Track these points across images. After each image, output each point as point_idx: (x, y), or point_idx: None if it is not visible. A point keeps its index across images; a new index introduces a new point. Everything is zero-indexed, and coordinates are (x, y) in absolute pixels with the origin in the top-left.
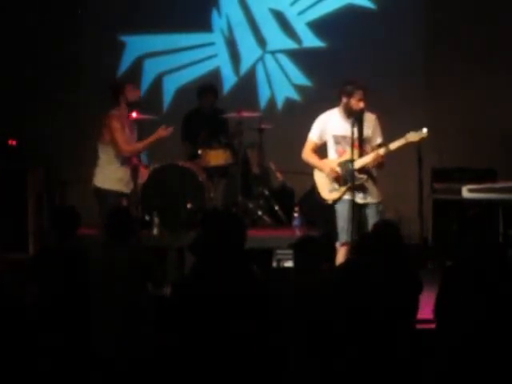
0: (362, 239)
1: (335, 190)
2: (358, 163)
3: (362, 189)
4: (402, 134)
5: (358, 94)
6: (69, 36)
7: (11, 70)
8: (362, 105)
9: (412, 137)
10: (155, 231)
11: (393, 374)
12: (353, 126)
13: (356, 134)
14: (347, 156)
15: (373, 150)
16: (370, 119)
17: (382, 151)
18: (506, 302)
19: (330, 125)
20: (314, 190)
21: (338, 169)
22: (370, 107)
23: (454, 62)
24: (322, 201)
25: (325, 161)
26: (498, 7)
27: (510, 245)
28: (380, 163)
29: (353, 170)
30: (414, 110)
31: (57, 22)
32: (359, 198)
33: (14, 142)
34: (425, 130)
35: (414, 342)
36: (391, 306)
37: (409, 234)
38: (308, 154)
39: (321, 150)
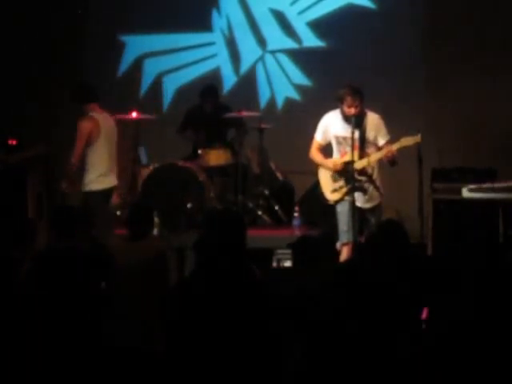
0: (366, 239)
1: (337, 190)
2: (357, 165)
3: (362, 191)
4: (400, 134)
5: (348, 100)
6: (69, 36)
7: (11, 70)
8: (352, 111)
9: (406, 141)
10: (155, 231)
11: (394, 374)
12: (352, 129)
13: (356, 136)
14: (348, 157)
15: (378, 150)
16: (372, 120)
17: (377, 155)
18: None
19: (332, 125)
20: (314, 190)
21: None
22: (371, 107)
23: (454, 61)
24: (324, 200)
25: (329, 159)
26: (498, 7)
27: (510, 245)
28: (391, 160)
29: (352, 172)
30: (413, 109)
31: (57, 22)
32: (359, 202)
33: (14, 142)
34: (419, 134)
35: (419, 342)
36: (393, 306)
37: (409, 233)
38: (313, 153)
39: (326, 150)
